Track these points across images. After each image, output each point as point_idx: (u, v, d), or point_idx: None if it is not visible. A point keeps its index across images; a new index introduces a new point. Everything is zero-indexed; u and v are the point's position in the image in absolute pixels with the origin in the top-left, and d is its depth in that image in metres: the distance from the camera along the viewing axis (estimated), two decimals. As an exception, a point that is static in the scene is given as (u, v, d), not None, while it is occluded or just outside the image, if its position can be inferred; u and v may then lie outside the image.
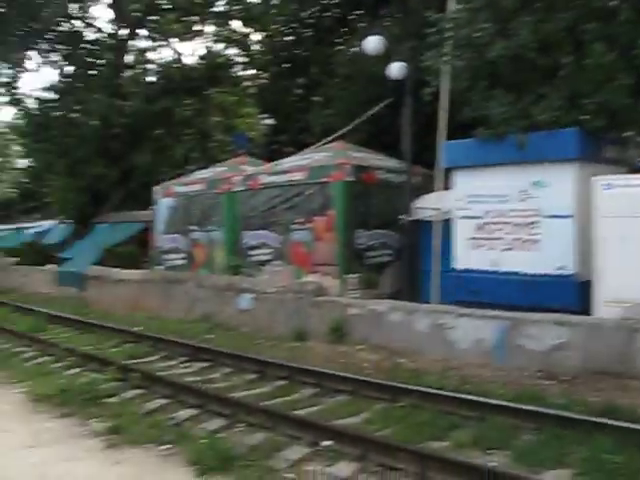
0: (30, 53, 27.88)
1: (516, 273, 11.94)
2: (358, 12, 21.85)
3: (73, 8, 26.87)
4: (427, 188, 14.73)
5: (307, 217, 14.94)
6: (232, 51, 28.50)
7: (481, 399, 8.15)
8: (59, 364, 11.58)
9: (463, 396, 8.32)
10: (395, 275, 14.92)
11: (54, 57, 28.29)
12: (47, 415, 8.73)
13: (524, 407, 7.73)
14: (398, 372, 10.32)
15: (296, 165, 15.71)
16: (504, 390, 8.96)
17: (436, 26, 12.83)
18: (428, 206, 14.19)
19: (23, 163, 34.59)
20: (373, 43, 14.26)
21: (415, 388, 8.77)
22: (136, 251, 21.63)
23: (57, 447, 7.46)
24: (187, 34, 29.01)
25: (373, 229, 14.88)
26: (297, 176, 15.30)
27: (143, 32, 28.70)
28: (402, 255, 14.68)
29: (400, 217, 14.39)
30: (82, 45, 27.83)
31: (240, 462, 6.71)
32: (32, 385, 10.05)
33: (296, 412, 8.15)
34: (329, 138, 17.14)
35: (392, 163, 15.72)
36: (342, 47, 22.09)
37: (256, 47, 27.84)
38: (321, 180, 14.72)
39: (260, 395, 9.24)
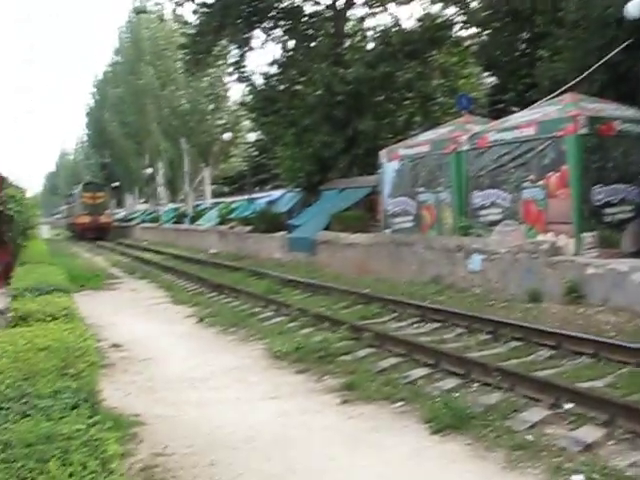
0: (255, 32, 29.18)
1: None
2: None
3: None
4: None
5: (539, 174, 14.22)
6: (450, 10, 27.83)
7: None
8: (293, 324, 12.13)
9: None
10: (637, 232, 13.80)
11: (276, 33, 29.42)
12: (285, 370, 9.17)
13: None
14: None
15: (525, 120, 14.99)
16: None
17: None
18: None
19: (252, 137, 36.46)
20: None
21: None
22: (364, 215, 21.96)
23: (295, 400, 7.80)
24: (404, -3, 28.76)
25: (611, 184, 13.81)
26: (527, 131, 14.59)
27: (360, 0, 28.95)
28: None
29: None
30: (302, 19, 28.68)
31: (476, 421, 6.60)
32: (269, 342, 10.63)
33: (534, 374, 7.83)
34: (559, 91, 16.14)
35: (631, 112, 14.51)
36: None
37: (474, 4, 26.94)
38: (553, 134, 13.90)
39: (495, 356, 9.03)
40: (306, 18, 28.67)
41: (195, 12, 28.18)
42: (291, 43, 28.85)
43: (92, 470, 3.07)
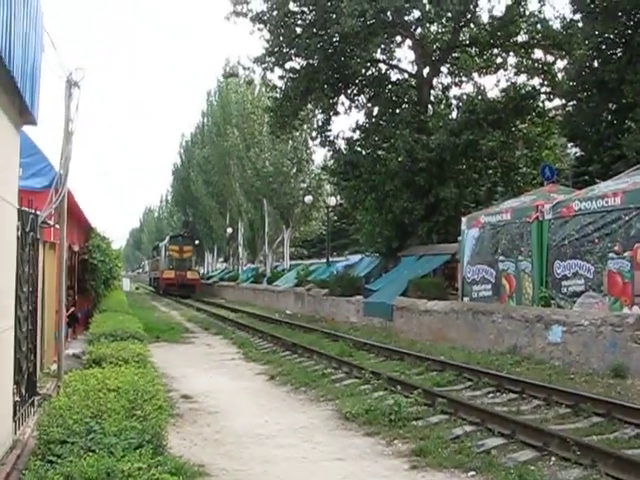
0: (340, 98, 29.70)
1: None
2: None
3: (378, 53, 28.12)
4: None
5: (625, 244, 13.73)
6: (535, 81, 27.75)
7: None
8: (365, 386, 11.89)
9: None
10: None
11: (361, 99, 29.89)
12: (353, 432, 8.97)
13: None
14: None
15: (612, 189, 14.59)
16: None
17: None
18: None
19: (332, 201, 36.77)
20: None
21: None
22: (442, 282, 21.69)
23: (363, 463, 7.57)
24: (489, 67, 28.88)
25: (703, 257, 13.23)
26: (613, 201, 14.17)
27: (444, 69, 29.21)
28: None
29: None
30: (387, 86, 29.07)
31: (553, 497, 6.22)
32: (339, 404, 10.45)
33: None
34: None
35: None
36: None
37: (560, 75, 26.78)
38: (642, 204, 13.46)
39: (574, 430, 8.57)
40: (390, 86, 29.08)
41: (282, 77, 28.99)
42: (375, 109, 29.23)
43: (149, 508, 3.00)
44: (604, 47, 22.38)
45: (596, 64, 23.00)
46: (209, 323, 26.62)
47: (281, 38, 27.44)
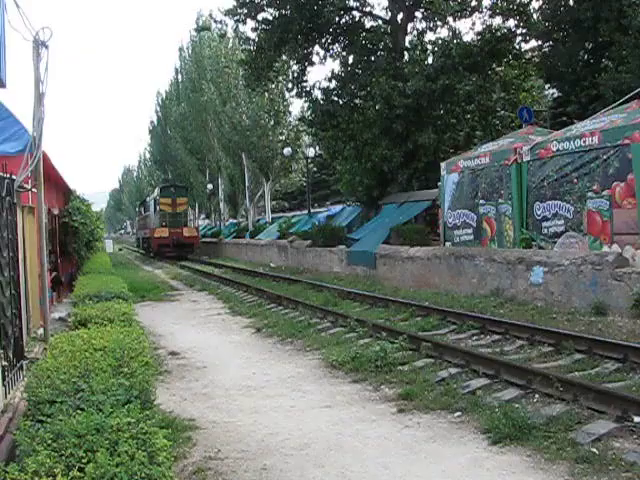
0: (314, 47, 29.34)
1: None
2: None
3: (351, 0, 27.74)
4: None
5: (604, 184, 13.84)
6: (511, 22, 27.51)
7: None
8: (351, 334, 12.03)
9: None
10: None
11: (336, 48, 29.55)
12: (341, 379, 9.10)
13: None
14: None
15: (589, 129, 14.62)
16: None
17: None
18: None
19: (311, 153, 36.59)
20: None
21: None
22: (423, 229, 21.80)
23: (351, 409, 7.70)
24: (464, 10, 28.55)
25: (680, 193, 13.36)
26: (591, 140, 14.23)
27: (419, 14, 28.86)
28: None
29: None
30: (361, 34, 28.74)
31: (537, 433, 6.38)
32: (326, 352, 10.59)
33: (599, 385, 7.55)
34: (624, 98, 15.74)
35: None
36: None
37: (535, 15, 26.56)
38: (619, 143, 13.51)
39: (557, 367, 8.76)
40: (365, 33, 28.75)
41: (255, 29, 28.57)
42: (350, 58, 28.94)
43: (140, 461, 3.05)
44: (579, -15, 22.24)
45: (571, 3, 22.88)
46: (194, 280, 26.66)
47: (252, -12, 26.97)
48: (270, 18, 27.85)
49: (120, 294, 10.69)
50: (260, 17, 27.92)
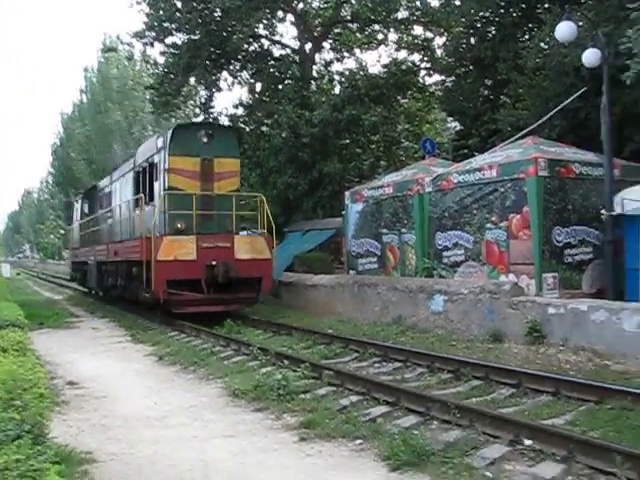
0: (222, 74, 29.41)
1: None
2: (546, 4, 20.89)
3: (260, 28, 28.01)
4: (626, 181, 13.79)
5: (501, 215, 14.37)
6: (416, 57, 28.44)
7: None
8: (253, 362, 11.92)
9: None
10: (596, 274, 13.96)
11: (244, 75, 29.75)
12: (243, 408, 8.99)
13: None
14: (603, 374, 9.70)
15: (488, 162, 15.18)
16: None
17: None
18: (637, 198, 13.09)
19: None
20: (566, 29, 13.37)
21: (625, 389, 8.11)
22: (327, 256, 21.98)
23: (253, 438, 7.62)
24: (370, 43, 29.35)
25: (571, 225, 14.00)
26: (489, 173, 14.76)
27: (327, 44, 29.44)
28: (604, 252, 13.72)
29: (601, 212, 13.48)
30: (269, 62, 29.02)
31: (435, 458, 6.49)
32: (228, 381, 10.46)
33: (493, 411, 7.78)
34: (520, 134, 16.44)
35: (589, 156, 14.82)
36: (530, 41, 21.22)
37: (439, 51, 27.57)
38: (514, 176, 14.08)
39: (455, 394, 8.96)
40: (273, 61, 29.03)
41: (164, 53, 28.40)
42: (258, 85, 29.13)
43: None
44: (479, 25, 23.18)
45: (472, 41, 23.79)
46: (96, 307, 25.90)
47: (161, 12, 26.83)
48: (179, 42, 27.79)
49: (15, 322, 10.28)
50: (169, 41, 27.87)
